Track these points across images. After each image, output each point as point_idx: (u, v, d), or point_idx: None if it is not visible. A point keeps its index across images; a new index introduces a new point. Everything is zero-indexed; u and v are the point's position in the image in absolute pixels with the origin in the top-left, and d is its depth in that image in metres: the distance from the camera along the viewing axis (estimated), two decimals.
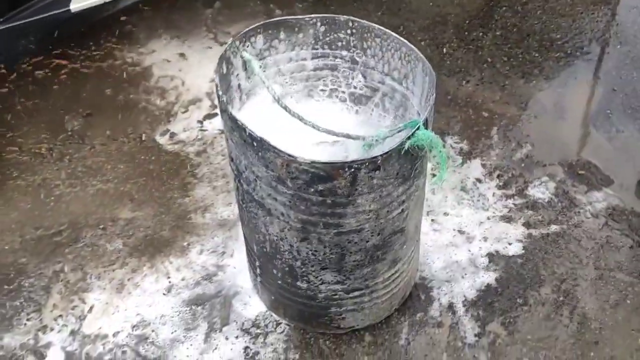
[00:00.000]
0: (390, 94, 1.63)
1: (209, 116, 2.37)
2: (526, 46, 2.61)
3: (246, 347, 1.74)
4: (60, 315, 1.81)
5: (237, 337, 1.76)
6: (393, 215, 1.44)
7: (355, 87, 1.69)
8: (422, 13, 2.76)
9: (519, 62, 2.55)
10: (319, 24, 1.59)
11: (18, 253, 1.95)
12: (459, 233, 1.98)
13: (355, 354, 1.72)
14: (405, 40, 1.50)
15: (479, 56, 2.58)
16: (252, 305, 1.82)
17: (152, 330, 1.77)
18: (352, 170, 1.27)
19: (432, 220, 2.00)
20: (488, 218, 2.02)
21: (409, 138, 1.28)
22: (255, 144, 1.31)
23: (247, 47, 1.55)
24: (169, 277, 1.88)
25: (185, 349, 1.74)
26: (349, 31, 1.59)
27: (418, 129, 1.28)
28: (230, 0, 2.79)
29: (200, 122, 2.35)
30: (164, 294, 1.85)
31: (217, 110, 2.36)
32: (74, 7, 1.88)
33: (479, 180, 2.13)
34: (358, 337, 1.75)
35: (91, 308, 1.82)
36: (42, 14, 1.86)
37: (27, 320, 1.80)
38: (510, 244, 1.95)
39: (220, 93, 1.39)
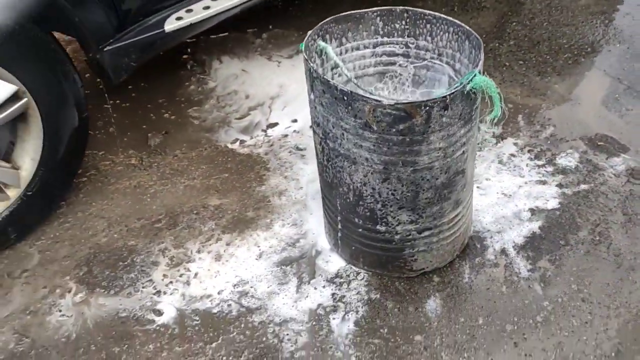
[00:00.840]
0: (442, 74, 2.00)
1: (271, 125, 2.73)
2: (538, 51, 3.01)
3: (333, 293, 2.03)
4: (171, 282, 2.11)
5: (324, 287, 2.06)
6: (456, 155, 1.77)
7: (410, 73, 2.06)
8: None
9: (533, 64, 2.93)
10: (377, 17, 1.98)
11: (127, 238, 2.27)
12: (502, 195, 2.30)
13: (427, 292, 2.01)
14: (453, 19, 1.88)
15: (498, 62, 2.97)
16: (333, 262, 2.13)
17: (251, 287, 2.07)
18: (427, 108, 1.61)
19: (477, 187, 2.33)
20: (525, 183, 2.35)
21: (469, 82, 1.63)
22: (345, 98, 1.66)
23: (322, 37, 1.93)
24: (258, 246, 2.20)
25: (281, 299, 2.03)
26: (404, 21, 1.98)
27: (475, 75, 1.63)
28: (276, 33, 3.21)
29: (264, 130, 2.71)
30: (256, 259, 2.16)
31: (277, 120, 2.73)
32: (168, 27, 2.27)
33: (513, 155, 2.47)
34: (427, 278, 2.05)
35: (196, 274, 2.13)
36: (142, 35, 2.25)
37: (143, 288, 2.11)
38: (547, 200, 2.27)
39: (311, 64, 1.75)
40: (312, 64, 1.76)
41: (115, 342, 1.95)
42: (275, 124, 2.73)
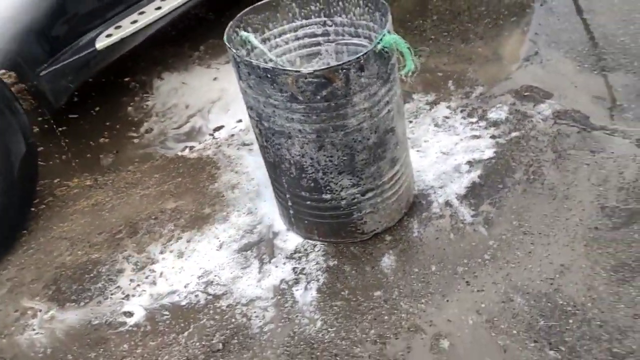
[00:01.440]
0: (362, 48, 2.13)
1: (217, 128, 2.83)
2: (460, 21, 3.16)
3: (294, 268, 2.12)
4: (137, 285, 2.18)
5: (284, 264, 2.15)
6: (382, 114, 1.89)
7: (332, 51, 2.18)
8: None
9: (457, 34, 3.08)
10: (292, 2, 2.10)
11: (90, 253, 2.34)
12: (441, 153, 2.42)
13: (381, 251, 2.12)
14: None
15: (424, 37, 3.11)
16: (290, 240, 2.22)
17: (215, 275, 2.15)
18: (344, 71, 1.73)
19: (417, 150, 2.45)
20: (461, 139, 2.47)
21: (379, 42, 1.75)
22: (269, 75, 1.77)
23: (243, 28, 2.04)
24: (218, 238, 2.28)
25: (245, 281, 2.12)
26: (318, 2, 2.10)
27: (384, 35, 1.76)
28: (212, 43, 3.32)
29: (211, 134, 2.81)
30: (217, 250, 2.24)
31: (222, 122, 2.83)
32: (99, 45, 2.36)
33: (447, 117, 2.60)
34: (380, 239, 2.15)
35: (161, 274, 2.20)
36: (75, 55, 2.34)
37: (111, 295, 2.17)
38: (483, 151, 2.40)
39: (233, 50, 1.86)
40: (234, 51, 1.87)
41: (90, 348, 2.01)
42: (221, 127, 2.83)
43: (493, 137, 2.46)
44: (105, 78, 3.19)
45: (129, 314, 2.10)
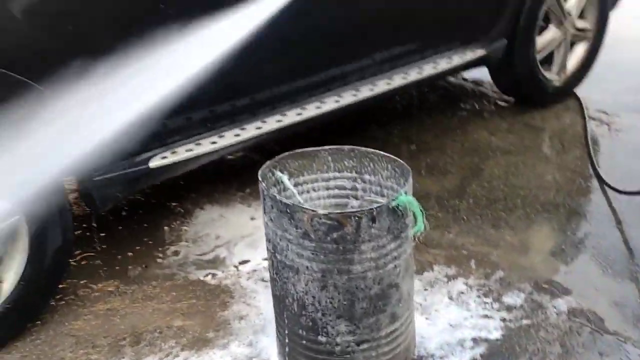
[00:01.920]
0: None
1: (243, 262, 2.95)
2: (494, 208, 3.29)
3: None
4: None
5: None
6: (388, 268, 1.97)
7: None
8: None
9: (488, 219, 3.20)
10: (328, 155, 2.30)
11: (91, 354, 2.39)
12: (449, 325, 2.44)
13: None
14: (392, 156, 2.19)
15: (457, 216, 3.24)
16: None
17: None
18: (356, 218, 1.85)
19: (426, 318, 2.48)
20: (471, 316, 2.49)
21: (394, 199, 1.89)
22: (288, 210, 1.91)
23: (279, 169, 2.23)
24: None
25: None
26: (351, 160, 2.29)
27: (400, 195, 1.90)
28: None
29: (236, 266, 2.93)
30: None
31: (249, 257, 2.96)
32: (152, 164, 2.61)
33: (462, 292, 2.64)
34: None
35: None
36: (128, 168, 2.58)
37: None
38: (490, 331, 2.40)
39: (263, 184, 2.03)
40: (263, 185, 2.04)
41: None
42: (247, 261, 2.95)
43: (504, 320, 2.47)
44: (156, 200, 3.44)
45: None
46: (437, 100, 4.54)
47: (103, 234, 3.11)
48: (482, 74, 4.42)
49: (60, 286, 2.69)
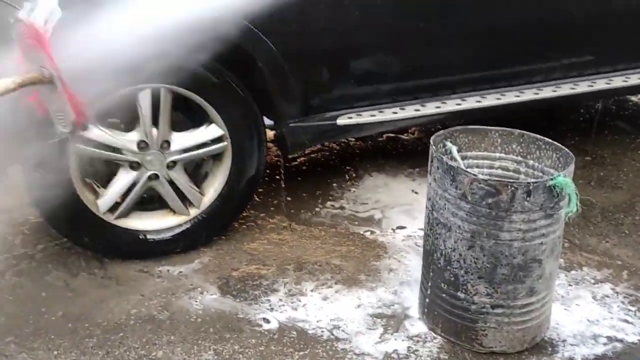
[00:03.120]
0: None
1: (400, 227, 3.22)
2: None
3: (409, 347, 2.37)
4: (283, 304, 2.59)
5: (403, 340, 2.40)
6: (535, 242, 2.13)
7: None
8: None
9: None
10: (498, 136, 2.48)
11: (261, 269, 2.82)
12: (587, 320, 2.52)
13: None
14: (559, 144, 2.33)
15: (618, 229, 3.24)
16: (416, 326, 2.47)
17: (344, 324, 2.48)
18: (513, 188, 2.04)
19: (565, 309, 2.58)
20: (611, 317, 2.54)
21: (552, 179, 2.05)
22: (451, 172, 2.15)
23: (450, 140, 2.46)
24: (359, 299, 2.62)
25: (365, 338, 2.41)
26: (519, 145, 2.45)
27: (559, 176, 2.05)
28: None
29: (393, 229, 3.20)
30: (354, 308, 2.57)
31: (406, 224, 3.22)
32: (340, 122, 2.97)
33: (606, 296, 2.69)
34: (494, 358, 2.30)
35: (304, 305, 2.59)
36: (319, 121, 2.96)
37: (261, 303, 2.60)
38: (627, 335, 2.45)
39: (434, 147, 2.28)
40: (433, 148, 2.29)
41: (228, 331, 2.43)
42: (404, 227, 3.21)
43: None
44: (333, 162, 3.82)
45: (267, 321, 2.49)
46: (621, 117, 4.45)
47: (285, 182, 3.55)
48: None
49: (244, 214, 3.16)
